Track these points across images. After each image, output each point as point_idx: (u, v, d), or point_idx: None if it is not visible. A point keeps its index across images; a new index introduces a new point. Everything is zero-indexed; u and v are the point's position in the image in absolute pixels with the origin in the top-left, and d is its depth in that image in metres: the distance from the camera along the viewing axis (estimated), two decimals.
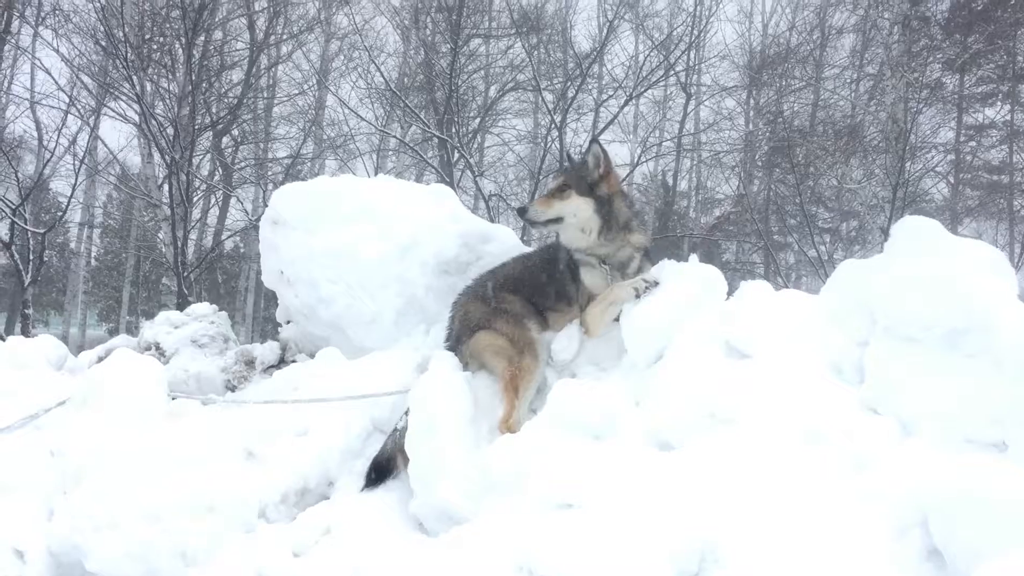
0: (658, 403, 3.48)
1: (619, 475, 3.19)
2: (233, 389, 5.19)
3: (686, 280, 3.96)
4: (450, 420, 3.70)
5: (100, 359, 5.33)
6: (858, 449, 3.00)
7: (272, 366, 5.31)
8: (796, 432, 3.13)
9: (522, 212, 4.47)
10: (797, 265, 26.88)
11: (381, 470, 3.90)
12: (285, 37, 24.77)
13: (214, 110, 22.49)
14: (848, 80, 26.99)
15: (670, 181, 30.70)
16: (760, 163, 26.87)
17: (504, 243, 5.21)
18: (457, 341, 4.44)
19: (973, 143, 27.32)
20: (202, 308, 5.91)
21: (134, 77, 17.24)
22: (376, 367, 4.55)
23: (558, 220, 4.32)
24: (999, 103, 26.94)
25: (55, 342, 5.51)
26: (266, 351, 5.39)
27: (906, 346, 3.22)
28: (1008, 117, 26.35)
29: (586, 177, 4.35)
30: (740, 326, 3.63)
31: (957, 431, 2.98)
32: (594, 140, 4.54)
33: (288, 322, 5.68)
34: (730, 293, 4.04)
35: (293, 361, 5.31)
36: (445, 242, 5.11)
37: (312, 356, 5.09)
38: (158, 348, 5.51)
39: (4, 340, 5.56)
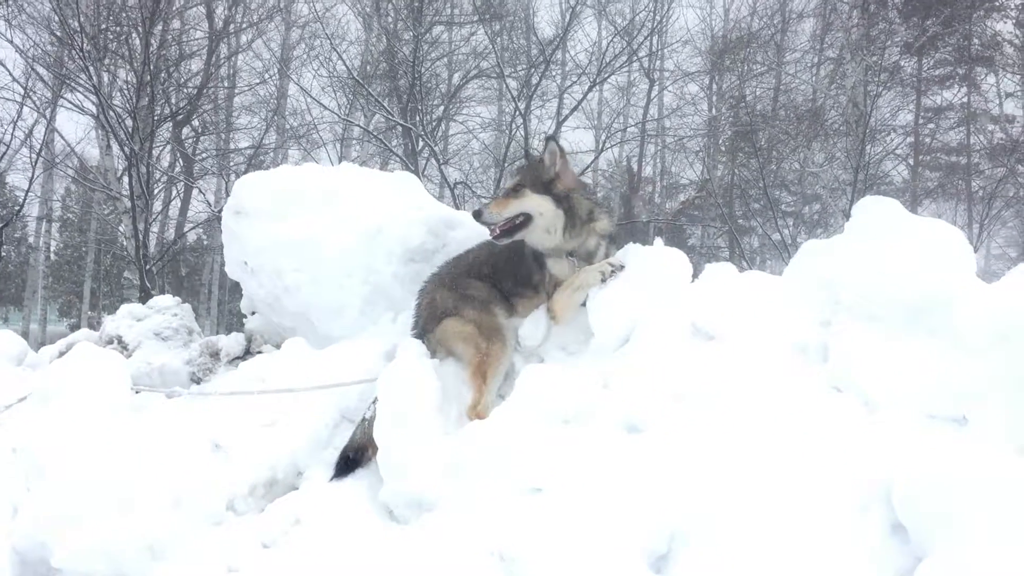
0: (626, 386, 3.50)
1: (588, 458, 3.21)
2: (198, 381, 5.14)
3: (652, 263, 3.98)
4: (418, 407, 3.70)
5: (61, 354, 5.25)
6: (822, 427, 3.04)
7: (238, 357, 5.26)
8: (761, 412, 3.16)
9: (477, 215, 4.31)
10: (761, 249, 27.15)
11: (351, 460, 3.88)
12: (245, 25, 24.43)
13: (173, 100, 22.15)
14: (809, 64, 27.26)
15: (635, 167, 30.82)
16: (724, 148, 27.04)
17: (470, 230, 5.17)
18: (424, 329, 4.42)
19: (932, 125, 27.77)
20: (165, 300, 5.83)
21: (91, 68, 16.95)
22: (343, 356, 4.52)
23: (520, 221, 4.21)
24: (956, 86, 27.42)
25: (14, 337, 5.42)
26: (231, 342, 5.35)
27: (868, 325, 3.27)
28: (965, 99, 26.82)
29: (541, 175, 4.27)
30: (706, 308, 3.66)
31: (919, 407, 3.03)
32: (550, 138, 4.45)
33: (253, 313, 5.62)
34: (695, 276, 4.06)
35: (259, 352, 5.26)
36: (411, 229, 5.07)
37: (278, 347, 5.05)
38: (120, 341, 5.44)
39: None
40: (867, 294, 3.27)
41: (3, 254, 17.33)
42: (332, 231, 4.99)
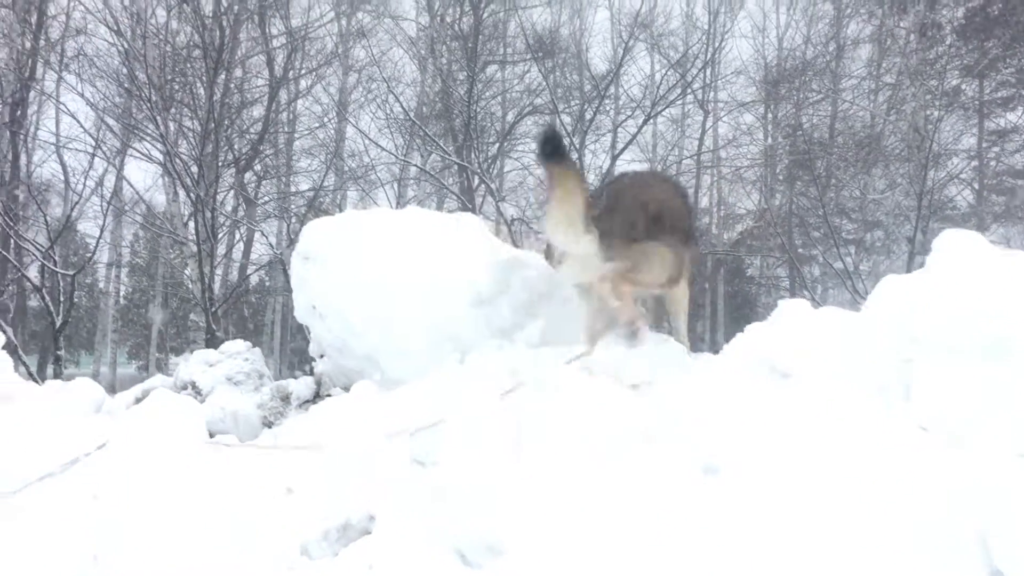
0: (700, 425, 3.43)
1: (665, 500, 3.15)
2: (270, 426, 5.20)
3: None
4: (491, 448, 3.67)
5: (138, 400, 5.36)
6: (911, 468, 2.94)
7: (308, 401, 5.32)
8: (843, 453, 3.07)
9: None
10: (823, 278, 26.67)
11: None
12: (304, 72, 25.04)
13: (236, 146, 22.72)
14: (866, 90, 26.91)
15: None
16: (781, 177, 26.75)
17: (534, 270, 5.20)
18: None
19: (996, 148, 27.13)
20: (236, 346, 5.94)
21: (158, 118, 17.50)
22: (411, 399, 4.54)
23: None
24: (1020, 107, 26.79)
25: (93, 385, 5.53)
26: (301, 386, 5.41)
27: (952, 361, 3.17)
28: None
29: None
30: (781, 346, 3.59)
31: (1009, 446, 2.92)
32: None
33: (322, 356, 5.69)
34: (766, 311, 3.99)
35: (328, 395, 5.31)
36: (475, 272, 5.11)
37: (347, 389, 5.09)
38: (194, 387, 5.54)
39: (39, 383, 5.60)
40: (950, 330, 3.18)
41: (75, 300, 17.82)
42: (398, 274, 5.04)
